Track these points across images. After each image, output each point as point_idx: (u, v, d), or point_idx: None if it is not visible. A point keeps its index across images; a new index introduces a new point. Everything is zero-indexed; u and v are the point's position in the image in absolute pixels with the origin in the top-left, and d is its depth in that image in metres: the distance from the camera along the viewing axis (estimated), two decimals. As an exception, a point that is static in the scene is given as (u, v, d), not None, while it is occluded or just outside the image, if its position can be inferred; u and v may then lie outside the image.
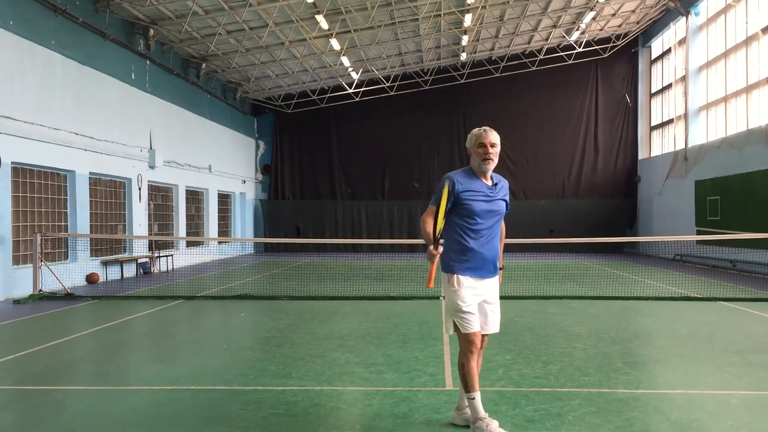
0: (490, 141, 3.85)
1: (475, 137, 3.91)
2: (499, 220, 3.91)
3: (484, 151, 3.84)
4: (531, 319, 8.22)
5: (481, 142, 3.86)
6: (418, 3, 17.32)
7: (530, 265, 17.76)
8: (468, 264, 3.80)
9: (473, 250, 3.79)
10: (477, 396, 3.76)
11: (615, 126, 24.80)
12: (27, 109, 11.78)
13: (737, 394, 4.78)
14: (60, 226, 13.27)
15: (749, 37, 16.36)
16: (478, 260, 3.80)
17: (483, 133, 3.89)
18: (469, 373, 3.74)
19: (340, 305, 9.74)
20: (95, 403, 4.68)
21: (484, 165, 3.84)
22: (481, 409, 3.77)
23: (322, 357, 6.08)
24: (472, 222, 3.80)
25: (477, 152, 3.86)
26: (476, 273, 3.81)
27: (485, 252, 3.82)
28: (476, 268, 3.80)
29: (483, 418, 3.74)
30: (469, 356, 3.74)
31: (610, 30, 23.25)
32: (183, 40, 17.61)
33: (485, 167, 3.85)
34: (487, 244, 3.83)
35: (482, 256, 3.80)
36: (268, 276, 15.53)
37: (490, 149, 3.83)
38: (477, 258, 3.80)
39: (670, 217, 20.71)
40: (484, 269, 3.83)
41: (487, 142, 3.85)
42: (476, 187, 3.83)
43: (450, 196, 3.77)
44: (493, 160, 3.85)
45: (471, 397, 3.77)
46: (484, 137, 3.87)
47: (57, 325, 8.43)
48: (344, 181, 26.28)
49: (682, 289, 11.85)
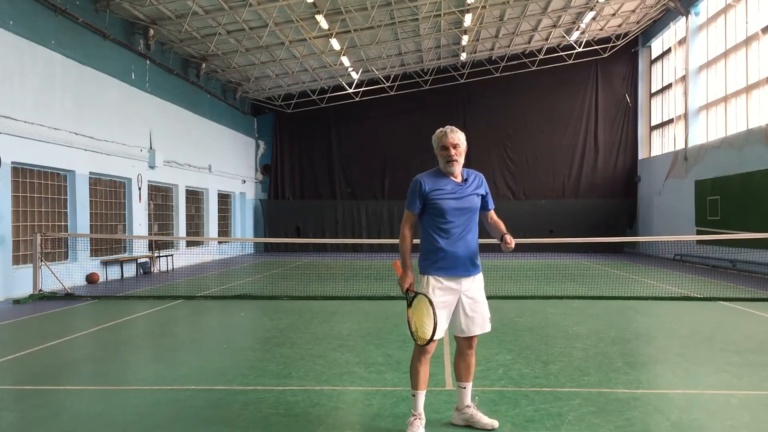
0: (452, 142, 3.79)
1: (437, 139, 3.86)
2: (471, 217, 3.83)
3: (446, 153, 3.80)
4: (531, 319, 8.23)
5: (443, 145, 3.81)
6: (418, 3, 17.32)
7: (530, 265, 17.76)
8: (439, 264, 3.76)
9: (443, 249, 3.75)
10: (418, 394, 3.78)
11: (615, 126, 24.81)
12: (27, 109, 11.78)
13: (737, 394, 4.78)
14: (60, 226, 13.27)
15: (749, 37, 16.36)
16: (449, 259, 3.75)
17: (444, 135, 3.83)
18: (415, 373, 3.78)
19: (340, 305, 9.74)
20: (95, 403, 4.68)
21: (448, 167, 3.81)
22: (417, 406, 3.80)
23: (322, 357, 6.08)
24: (441, 221, 3.77)
25: (441, 154, 3.84)
26: (448, 272, 3.76)
27: (457, 250, 3.76)
28: (448, 267, 3.76)
29: (414, 414, 3.80)
30: (420, 358, 3.76)
31: (610, 30, 23.25)
32: (183, 40, 17.61)
33: (450, 169, 3.81)
34: (458, 243, 3.77)
35: (453, 254, 3.75)
36: (268, 276, 15.53)
37: (452, 151, 3.78)
38: (448, 257, 3.75)
39: (670, 217, 20.71)
40: (458, 268, 3.77)
41: (449, 144, 3.79)
42: (443, 186, 3.79)
43: (419, 198, 3.78)
44: (458, 161, 3.80)
45: (413, 394, 3.81)
46: (446, 140, 3.81)
47: (57, 325, 8.42)
48: (344, 181, 26.28)
49: (682, 289, 11.85)
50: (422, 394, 3.81)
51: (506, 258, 20.86)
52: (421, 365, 3.76)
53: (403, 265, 3.81)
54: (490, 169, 25.15)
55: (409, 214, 3.85)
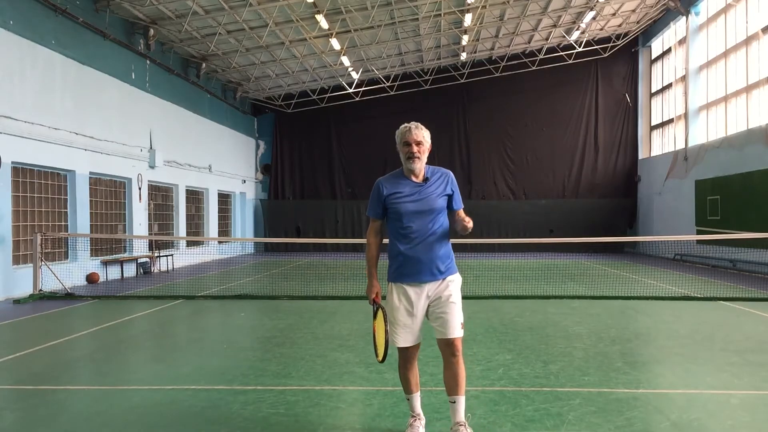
0: (414, 139, 3.62)
1: (400, 135, 3.69)
2: (434, 219, 3.62)
3: (408, 150, 3.62)
4: (531, 319, 8.23)
5: (405, 141, 3.64)
6: (418, 3, 17.31)
7: (530, 264, 17.76)
8: (401, 269, 3.64)
9: (403, 254, 3.62)
10: (412, 397, 3.79)
11: (615, 126, 24.80)
12: (27, 108, 11.78)
13: (737, 393, 4.78)
14: (60, 226, 13.27)
15: (749, 37, 16.35)
16: (410, 265, 3.60)
17: (408, 131, 3.65)
18: (404, 380, 3.77)
19: (340, 305, 9.74)
20: (95, 403, 4.68)
21: (409, 163, 3.64)
22: (414, 407, 3.81)
23: (322, 357, 6.08)
24: (400, 225, 3.65)
25: (402, 151, 3.68)
26: (411, 279, 3.62)
27: (418, 255, 3.59)
28: (410, 273, 3.61)
29: (413, 416, 3.81)
30: (405, 365, 3.73)
31: (610, 30, 23.25)
32: (183, 39, 17.61)
33: (411, 166, 3.64)
34: (419, 247, 3.59)
35: (414, 259, 3.59)
36: (268, 276, 15.53)
37: (415, 148, 3.61)
38: (409, 262, 3.60)
39: (670, 216, 20.71)
40: (421, 273, 3.60)
41: (412, 141, 3.62)
42: (401, 189, 3.64)
43: (379, 203, 3.70)
44: (420, 159, 3.63)
45: (407, 398, 3.83)
46: (409, 135, 3.63)
47: (57, 325, 8.42)
48: (344, 181, 26.27)
49: (682, 289, 11.85)
50: (416, 396, 3.79)
51: (506, 258, 20.87)
52: (408, 371, 3.73)
53: (369, 274, 3.74)
54: (490, 168, 25.18)
55: (371, 220, 3.77)
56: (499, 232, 24.06)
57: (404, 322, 3.63)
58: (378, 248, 3.81)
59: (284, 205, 26.06)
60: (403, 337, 3.64)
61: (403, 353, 3.70)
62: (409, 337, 3.65)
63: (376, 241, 3.80)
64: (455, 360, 3.64)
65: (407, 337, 3.65)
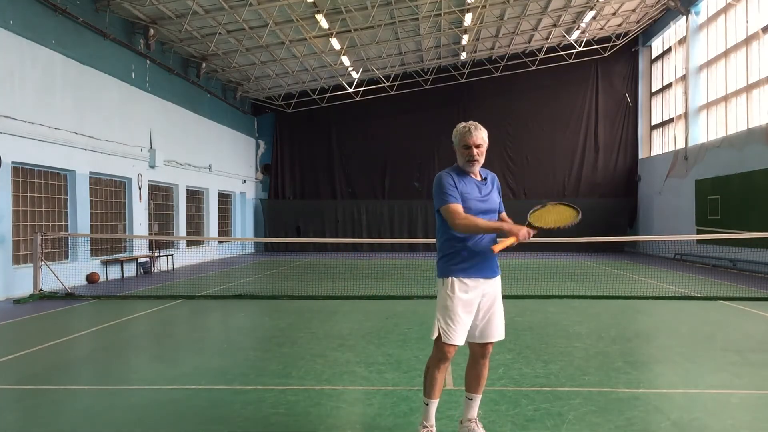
0: (474, 142, 3.60)
1: (459, 135, 3.65)
2: (492, 218, 3.66)
3: (468, 152, 3.61)
4: (531, 319, 8.22)
5: (465, 143, 3.62)
6: (418, 2, 17.31)
7: (530, 264, 17.76)
8: (463, 264, 3.57)
9: (469, 249, 3.57)
10: (432, 403, 3.57)
11: (615, 125, 24.80)
12: (27, 108, 11.78)
13: (737, 393, 4.78)
14: (60, 226, 13.27)
15: (749, 37, 16.35)
16: (474, 260, 3.57)
17: (468, 132, 3.62)
18: (431, 380, 3.55)
19: (340, 304, 9.74)
20: (95, 403, 4.68)
21: (469, 166, 3.65)
22: (429, 417, 3.58)
23: (323, 356, 6.08)
24: None
25: (462, 152, 3.66)
26: (473, 274, 3.57)
27: (482, 251, 3.58)
28: (472, 268, 3.57)
29: (426, 426, 3.59)
30: (438, 365, 3.54)
31: (610, 29, 23.24)
32: (183, 39, 17.61)
33: (470, 168, 3.65)
34: (484, 242, 3.59)
35: (478, 255, 3.57)
36: (268, 275, 15.53)
37: (475, 150, 3.60)
38: (475, 257, 3.57)
39: (671, 216, 20.71)
40: (485, 269, 3.59)
41: (472, 143, 3.59)
42: (469, 186, 3.63)
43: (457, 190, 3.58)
44: (479, 161, 3.63)
45: (426, 402, 3.59)
46: (469, 138, 3.60)
47: (57, 325, 8.43)
48: (344, 181, 26.27)
49: (683, 289, 11.84)
50: (435, 403, 3.58)
51: (506, 258, 20.86)
52: (439, 372, 3.54)
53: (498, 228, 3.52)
54: (491, 168, 24.80)
55: (455, 206, 3.52)
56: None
57: (464, 319, 3.54)
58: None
59: (284, 205, 26.05)
60: (461, 334, 3.52)
61: (448, 352, 3.51)
62: (464, 336, 3.56)
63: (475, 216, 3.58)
64: (484, 361, 3.71)
65: (463, 334, 3.55)
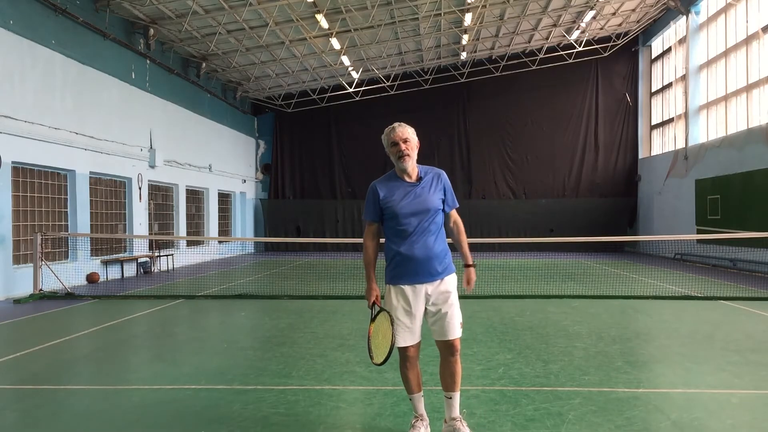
0: (401, 137, 3.67)
1: (386, 137, 3.74)
2: (430, 218, 3.63)
3: (396, 149, 3.66)
4: (531, 318, 8.23)
5: (392, 141, 3.69)
6: (418, 2, 17.31)
7: (530, 264, 17.75)
8: (398, 270, 3.63)
9: (401, 254, 3.60)
10: (414, 397, 3.75)
11: (615, 125, 24.80)
12: (27, 108, 11.78)
13: (737, 393, 4.78)
14: (60, 226, 13.27)
15: (749, 36, 16.34)
16: (409, 265, 3.59)
17: (392, 130, 3.71)
18: (405, 379, 3.73)
19: (340, 304, 9.74)
20: (95, 403, 4.68)
21: (400, 163, 3.66)
22: (417, 408, 3.78)
23: (323, 356, 6.08)
24: (396, 226, 3.63)
25: (391, 151, 3.72)
26: (410, 279, 3.60)
27: (417, 255, 3.58)
28: (408, 274, 3.60)
29: (416, 416, 3.78)
30: (404, 364, 3.69)
31: (610, 29, 23.24)
32: (183, 39, 17.61)
33: (403, 165, 3.66)
34: (415, 247, 3.58)
35: (411, 259, 3.58)
36: (268, 275, 15.53)
37: (402, 145, 3.65)
38: (406, 263, 3.59)
39: (671, 216, 20.70)
40: (418, 274, 3.59)
41: (399, 139, 3.66)
42: (396, 190, 3.66)
43: (374, 205, 3.70)
44: (410, 156, 3.66)
45: (409, 398, 3.81)
46: (394, 134, 3.68)
47: (57, 325, 8.42)
48: (344, 181, 26.27)
49: (683, 288, 11.84)
50: (418, 396, 3.76)
51: (506, 257, 20.86)
52: (408, 371, 3.69)
53: (367, 277, 3.71)
54: (491, 168, 25.17)
55: (368, 224, 3.77)
56: (500, 231, 24.07)
57: (403, 322, 3.62)
58: (376, 251, 3.79)
59: (284, 205, 26.05)
60: (402, 336, 3.62)
61: (404, 353, 3.68)
62: (408, 337, 3.64)
63: (373, 245, 3.77)
64: (453, 359, 3.69)
65: (406, 336, 3.63)
